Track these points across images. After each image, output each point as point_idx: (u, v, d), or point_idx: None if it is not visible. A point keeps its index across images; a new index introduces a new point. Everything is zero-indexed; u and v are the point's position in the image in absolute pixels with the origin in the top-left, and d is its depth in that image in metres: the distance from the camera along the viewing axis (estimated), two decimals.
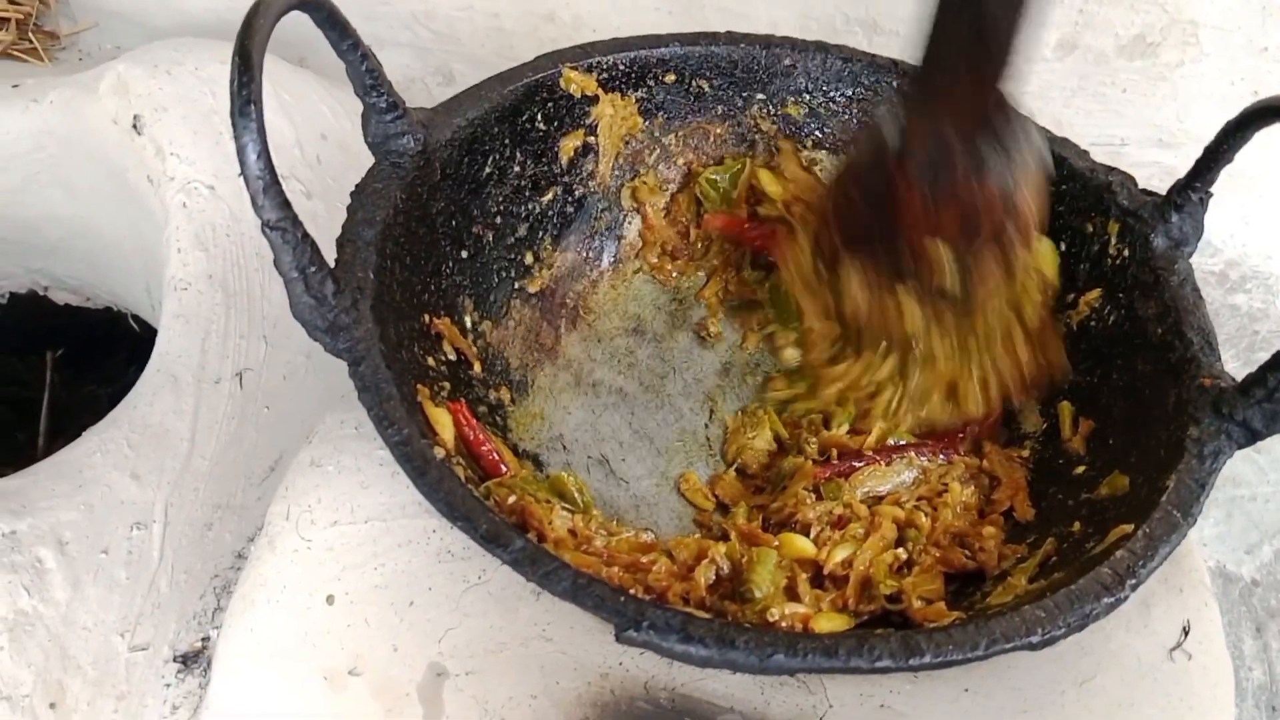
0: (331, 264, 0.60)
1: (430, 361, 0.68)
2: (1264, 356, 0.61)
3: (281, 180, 0.52)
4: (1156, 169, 1.15)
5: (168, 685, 0.76)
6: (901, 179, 0.69)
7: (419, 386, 0.63)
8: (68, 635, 0.75)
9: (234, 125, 0.52)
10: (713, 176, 0.89)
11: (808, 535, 0.69)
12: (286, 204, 0.54)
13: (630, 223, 0.89)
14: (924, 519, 0.71)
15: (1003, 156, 0.67)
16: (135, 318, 1.23)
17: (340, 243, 0.63)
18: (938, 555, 0.68)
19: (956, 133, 0.67)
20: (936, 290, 0.71)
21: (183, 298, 0.90)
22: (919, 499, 0.72)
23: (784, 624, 0.61)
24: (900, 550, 0.68)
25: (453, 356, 0.71)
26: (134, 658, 0.76)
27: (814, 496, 0.72)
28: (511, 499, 0.63)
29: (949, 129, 0.67)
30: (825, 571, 0.67)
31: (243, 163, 0.52)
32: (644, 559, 0.64)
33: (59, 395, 1.31)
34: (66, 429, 0.89)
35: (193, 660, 0.77)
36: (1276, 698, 0.99)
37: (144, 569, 0.79)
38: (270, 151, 0.53)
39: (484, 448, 0.67)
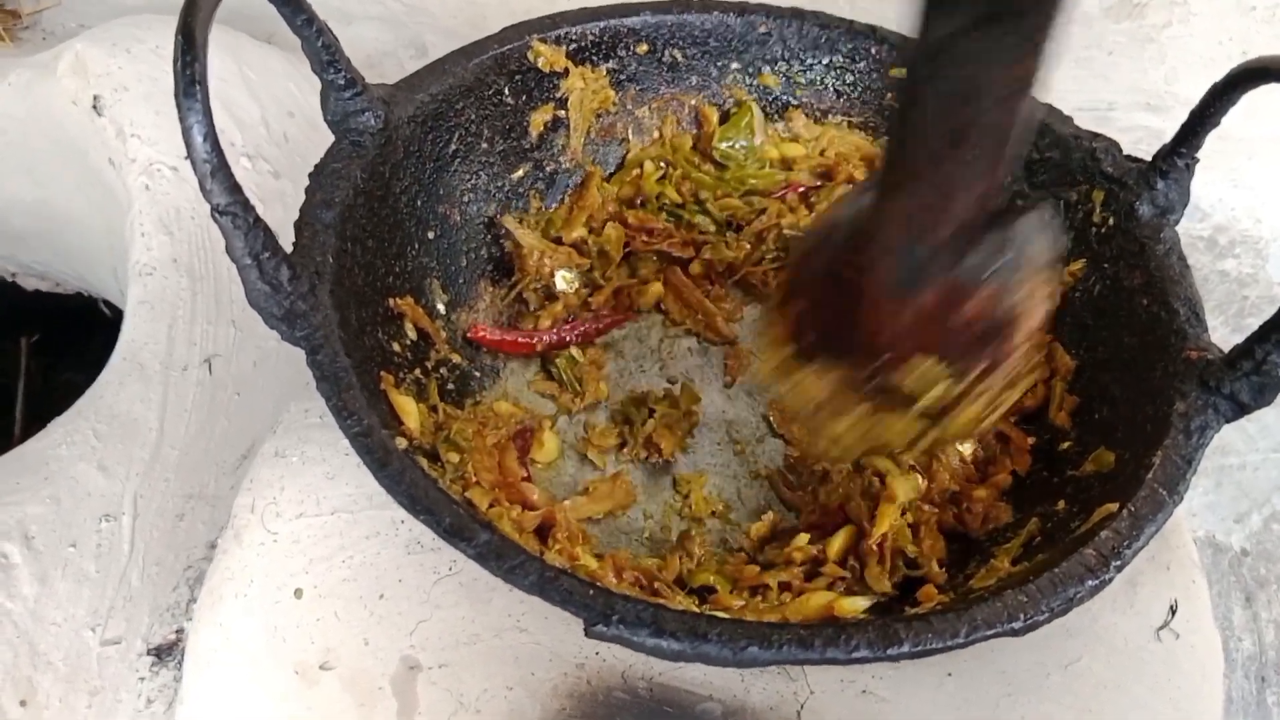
0: (290, 248, 0.58)
1: (395, 347, 0.66)
2: (1254, 322, 0.60)
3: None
4: (1145, 133, 1.13)
5: (142, 679, 0.75)
6: (859, 277, 0.53)
7: (383, 374, 0.61)
8: (36, 631, 0.73)
9: (178, 107, 0.50)
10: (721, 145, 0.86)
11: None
12: (236, 187, 0.52)
13: None
14: (919, 480, 0.69)
15: (1004, 253, 0.51)
16: (106, 303, 1.21)
17: (298, 226, 0.61)
18: (935, 514, 0.68)
19: (944, 228, 0.50)
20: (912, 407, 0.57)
21: (147, 283, 0.88)
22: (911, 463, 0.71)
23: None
24: (906, 515, 0.67)
25: (414, 336, 0.69)
26: (106, 652, 0.74)
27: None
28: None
29: (933, 221, 0.50)
30: (872, 544, 0.65)
31: (189, 145, 0.50)
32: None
33: (36, 382, 1.29)
34: (45, 416, 0.88)
35: (167, 653, 0.76)
36: (1266, 668, 0.99)
37: (114, 562, 0.77)
38: (220, 133, 0.51)
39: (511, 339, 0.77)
